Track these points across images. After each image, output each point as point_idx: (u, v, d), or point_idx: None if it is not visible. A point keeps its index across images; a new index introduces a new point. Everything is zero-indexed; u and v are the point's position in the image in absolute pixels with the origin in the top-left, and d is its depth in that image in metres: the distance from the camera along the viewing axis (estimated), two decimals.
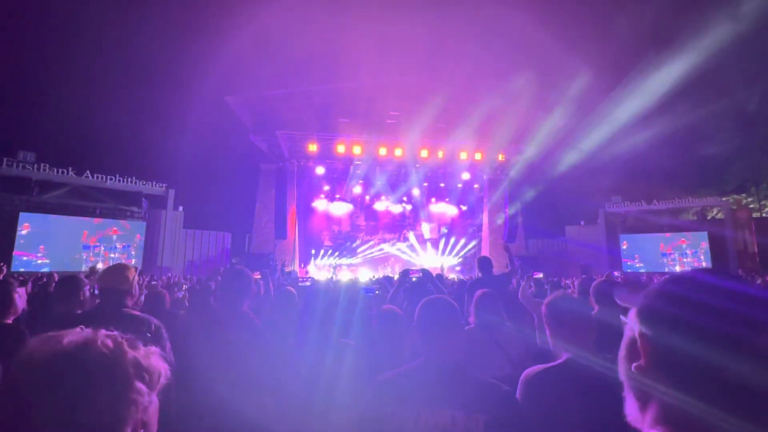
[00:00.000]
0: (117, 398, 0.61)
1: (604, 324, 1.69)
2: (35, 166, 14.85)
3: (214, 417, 1.86)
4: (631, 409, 0.63)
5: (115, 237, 16.34)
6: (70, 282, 2.80)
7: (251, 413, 1.83)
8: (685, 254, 19.26)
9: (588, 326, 1.66)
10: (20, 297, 3.00)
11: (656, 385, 0.58)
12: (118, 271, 2.19)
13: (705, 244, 19.16)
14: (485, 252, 18.97)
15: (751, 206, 22.41)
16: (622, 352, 0.67)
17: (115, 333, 0.68)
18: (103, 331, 0.66)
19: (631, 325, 0.65)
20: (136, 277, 2.28)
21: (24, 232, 14.47)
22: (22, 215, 14.54)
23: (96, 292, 2.58)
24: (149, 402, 0.66)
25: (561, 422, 1.42)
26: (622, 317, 0.68)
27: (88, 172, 16.03)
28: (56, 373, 0.59)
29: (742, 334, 0.53)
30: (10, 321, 2.90)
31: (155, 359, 0.69)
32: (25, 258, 14.45)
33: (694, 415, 0.53)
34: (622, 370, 0.65)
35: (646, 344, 0.60)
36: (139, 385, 0.64)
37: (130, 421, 0.62)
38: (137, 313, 2.16)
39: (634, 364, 0.61)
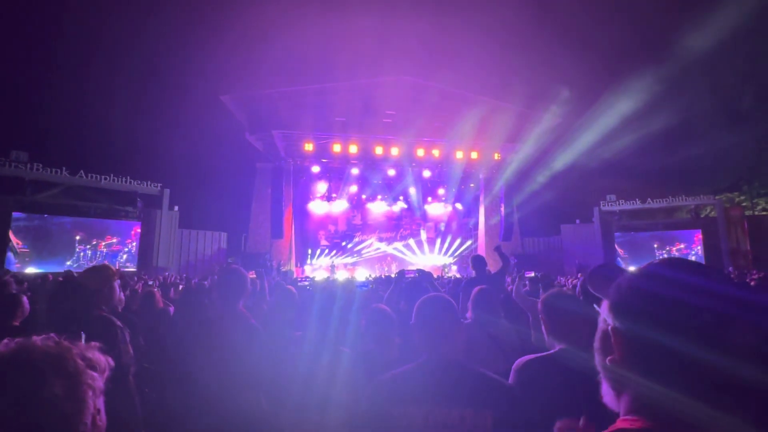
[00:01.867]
0: (73, 385, 0.64)
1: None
2: (28, 165, 14.70)
3: (209, 416, 1.86)
4: (607, 394, 0.66)
5: (110, 238, 16.25)
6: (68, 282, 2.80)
7: (247, 412, 1.83)
8: (679, 252, 19.43)
9: (583, 323, 1.67)
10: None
11: (630, 377, 0.60)
12: (94, 272, 2.19)
13: (698, 242, 19.35)
14: (481, 251, 19.03)
15: (744, 204, 22.62)
16: (597, 343, 0.69)
17: (52, 335, 0.71)
18: (38, 337, 0.69)
19: (605, 317, 0.67)
20: (116, 279, 2.27)
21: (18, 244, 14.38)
22: (15, 215, 14.41)
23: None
24: (100, 389, 0.69)
25: (553, 409, 1.44)
26: (595, 306, 0.71)
27: (81, 171, 15.89)
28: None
29: (712, 328, 0.55)
30: (17, 323, 2.90)
31: (97, 352, 0.73)
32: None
33: (666, 404, 0.55)
34: (598, 361, 0.68)
35: (619, 338, 0.62)
36: (91, 372, 0.68)
37: (89, 404, 0.66)
38: (105, 314, 2.16)
39: (609, 358, 0.63)
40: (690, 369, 0.55)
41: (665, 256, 19.24)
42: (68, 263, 14.97)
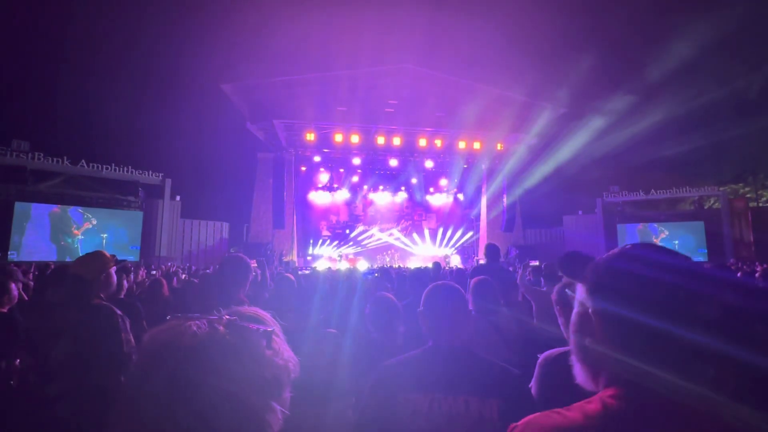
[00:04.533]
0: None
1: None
2: (29, 155, 14.68)
3: None
4: (580, 375, 0.70)
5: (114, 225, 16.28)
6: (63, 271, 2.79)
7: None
8: (682, 243, 19.35)
9: None
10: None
11: (609, 354, 0.63)
12: (91, 260, 2.15)
13: (701, 234, 19.26)
14: (483, 242, 19.00)
15: (748, 196, 22.48)
16: (573, 326, 0.71)
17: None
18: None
19: (581, 300, 0.69)
20: (112, 268, 2.23)
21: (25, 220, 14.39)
22: (17, 204, 14.43)
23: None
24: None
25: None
26: (567, 291, 0.74)
27: (83, 161, 15.87)
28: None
29: (683, 303, 0.59)
30: (5, 310, 2.89)
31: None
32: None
33: (643, 376, 0.60)
34: (573, 342, 0.71)
35: (599, 318, 0.65)
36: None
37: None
38: (104, 302, 2.13)
39: (589, 339, 0.66)
40: (664, 342, 0.59)
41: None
42: (70, 250, 15.04)
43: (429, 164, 19.21)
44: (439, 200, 21.35)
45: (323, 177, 20.02)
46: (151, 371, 0.54)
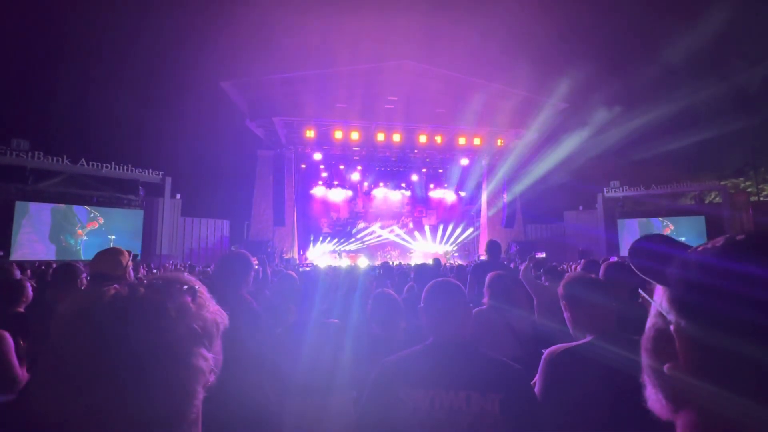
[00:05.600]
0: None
1: (627, 306, 1.63)
2: (29, 154, 14.67)
3: (211, 400, 1.85)
4: (654, 401, 0.51)
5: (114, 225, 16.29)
6: (67, 270, 2.78)
7: (249, 396, 1.83)
8: (685, 238, 19.32)
9: (609, 307, 1.60)
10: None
11: (698, 389, 0.45)
12: (109, 256, 2.14)
13: (702, 228, 19.22)
14: (483, 238, 19.00)
15: (749, 190, 22.43)
16: (647, 342, 0.53)
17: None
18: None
19: (660, 310, 0.50)
20: (130, 263, 2.23)
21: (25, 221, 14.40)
22: (18, 204, 14.43)
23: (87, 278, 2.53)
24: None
25: (583, 403, 1.39)
26: (642, 293, 0.58)
27: (83, 160, 15.86)
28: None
29: None
30: (22, 309, 2.89)
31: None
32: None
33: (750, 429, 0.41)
34: (646, 363, 0.53)
35: (686, 341, 0.46)
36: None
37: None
38: None
39: (668, 365, 0.48)
40: None
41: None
42: (72, 251, 15.06)
43: (429, 161, 19.18)
44: (439, 197, 21.33)
45: (323, 174, 20.00)
46: (74, 330, 0.56)
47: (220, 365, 0.67)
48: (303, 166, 19.29)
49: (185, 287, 0.64)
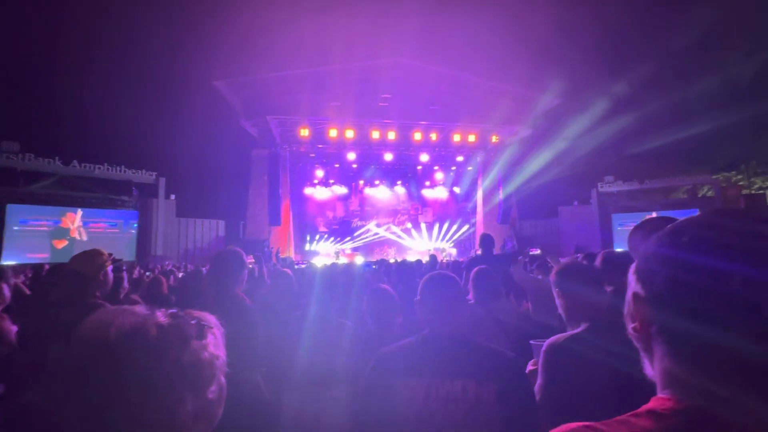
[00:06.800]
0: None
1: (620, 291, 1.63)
2: (19, 155, 14.50)
3: None
4: (647, 368, 0.56)
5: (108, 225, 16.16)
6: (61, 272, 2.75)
7: (245, 392, 1.82)
8: None
9: (601, 293, 1.59)
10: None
11: (654, 348, 0.51)
12: (86, 257, 2.12)
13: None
14: (479, 234, 19.04)
15: (741, 183, 22.66)
16: (625, 309, 0.59)
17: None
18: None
19: (630, 282, 0.58)
20: (107, 263, 2.20)
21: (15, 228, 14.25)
22: (9, 207, 14.27)
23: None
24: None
25: (581, 390, 1.39)
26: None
27: (75, 161, 15.71)
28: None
29: (744, 306, 0.43)
30: None
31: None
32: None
33: (697, 383, 0.46)
34: (629, 330, 0.58)
35: (640, 306, 0.53)
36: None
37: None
38: (100, 301, 2.10)
39: (631, 326, 0.55)
40: (723, 352, 0.44)
41: None
42: (64, 253, 14.92)
43: (424, 158, 19.19)
44: (435, 194, 21.35)
45: (318, 173, 19.96)
46: (80, 368, 0.60)
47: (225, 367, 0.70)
48: (298, 164, 19.23)
49: (195, 322, 0.67)
